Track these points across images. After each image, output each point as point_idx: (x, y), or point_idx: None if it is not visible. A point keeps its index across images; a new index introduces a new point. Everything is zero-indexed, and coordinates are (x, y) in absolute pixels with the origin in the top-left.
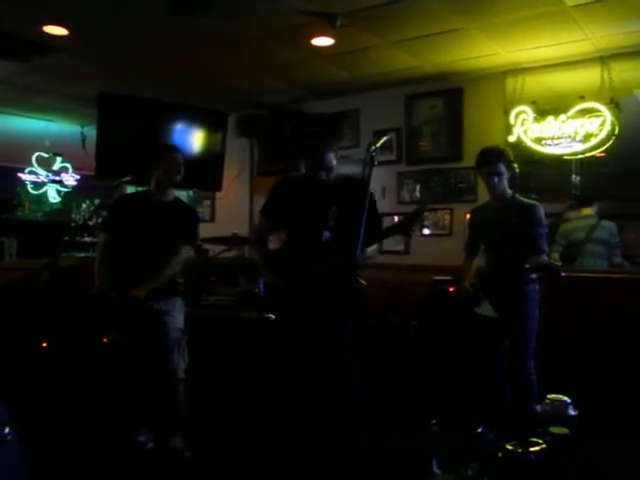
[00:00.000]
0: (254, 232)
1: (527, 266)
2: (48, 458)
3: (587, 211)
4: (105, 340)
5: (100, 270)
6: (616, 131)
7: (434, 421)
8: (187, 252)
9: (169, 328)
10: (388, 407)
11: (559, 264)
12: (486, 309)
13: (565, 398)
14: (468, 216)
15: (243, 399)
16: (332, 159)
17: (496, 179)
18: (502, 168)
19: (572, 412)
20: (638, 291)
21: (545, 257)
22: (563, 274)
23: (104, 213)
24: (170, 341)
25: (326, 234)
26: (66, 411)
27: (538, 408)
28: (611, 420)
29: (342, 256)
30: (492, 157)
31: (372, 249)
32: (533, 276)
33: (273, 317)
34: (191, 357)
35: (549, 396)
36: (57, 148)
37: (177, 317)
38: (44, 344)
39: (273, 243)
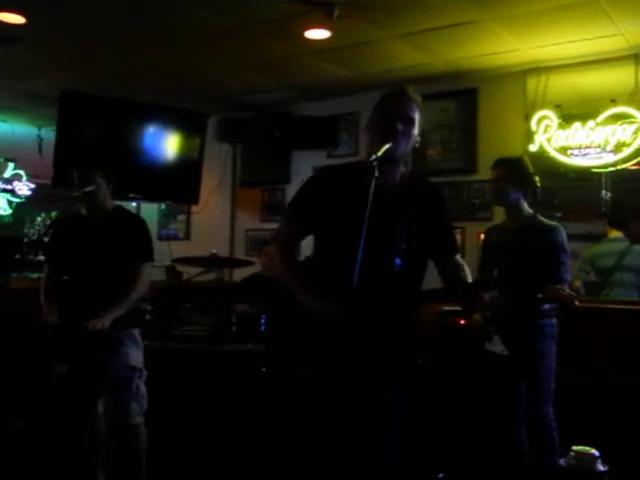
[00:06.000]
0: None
1: (539, 296)
2: None
3: (615, 233)
4: (56, 373)
5: (46, 301)
6: None
7: (441, 475)
8: (148, 271)
9: (115, 367)
10: None
11: (575, 294)
12: (497, 345)
13: (593, 450)
14: (482, 237)
15: (218, 445)
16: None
17: (497, 185)
18: (502, 174)
19: (601, 467)
20: None
21: (565, 287)
22: (577, 303)
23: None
24: (116, 382)
25: (397, 262)
26: (15, 451)
27: (561, 462)
28: None
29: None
30: (496, 163)
31: None
32: (547, 307)
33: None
34: (159, 397)
35: (574, 448)
36: (9, 152)
37: (129, 353)
38: None
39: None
